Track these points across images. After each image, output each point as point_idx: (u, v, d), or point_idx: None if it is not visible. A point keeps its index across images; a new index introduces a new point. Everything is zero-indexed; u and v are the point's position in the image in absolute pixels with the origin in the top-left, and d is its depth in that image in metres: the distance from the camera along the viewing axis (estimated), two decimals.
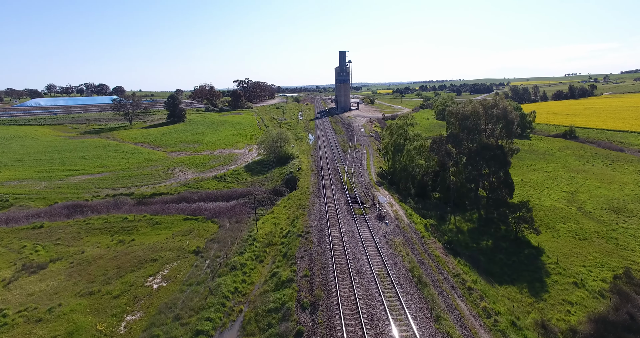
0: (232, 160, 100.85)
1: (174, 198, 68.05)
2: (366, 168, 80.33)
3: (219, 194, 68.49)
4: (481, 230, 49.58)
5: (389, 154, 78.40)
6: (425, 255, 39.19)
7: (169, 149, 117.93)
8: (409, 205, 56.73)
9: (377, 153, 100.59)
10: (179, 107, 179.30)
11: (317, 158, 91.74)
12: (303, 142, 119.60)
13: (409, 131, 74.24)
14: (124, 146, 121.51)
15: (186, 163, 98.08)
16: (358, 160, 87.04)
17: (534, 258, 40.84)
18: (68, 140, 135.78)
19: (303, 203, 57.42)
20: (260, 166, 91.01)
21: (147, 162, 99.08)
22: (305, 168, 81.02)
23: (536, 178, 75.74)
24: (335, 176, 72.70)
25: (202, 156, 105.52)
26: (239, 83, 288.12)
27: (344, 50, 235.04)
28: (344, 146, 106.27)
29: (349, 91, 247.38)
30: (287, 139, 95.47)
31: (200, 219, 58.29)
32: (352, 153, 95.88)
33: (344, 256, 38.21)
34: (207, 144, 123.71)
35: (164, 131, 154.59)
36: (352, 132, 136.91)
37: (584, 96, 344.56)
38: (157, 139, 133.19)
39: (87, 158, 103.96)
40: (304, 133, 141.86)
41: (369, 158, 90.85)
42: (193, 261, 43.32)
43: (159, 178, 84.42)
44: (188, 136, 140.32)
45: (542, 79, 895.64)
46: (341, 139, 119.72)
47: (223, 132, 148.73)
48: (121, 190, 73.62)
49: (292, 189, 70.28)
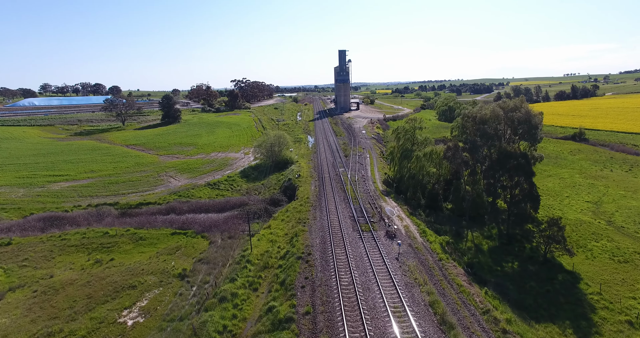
0: (227, 165, 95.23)
1: (162, 208, 62.37)
2: (370, 174, 74.82)
3: (211, 205, 62.84)
4: (503, 248, 44.14)
5: (395, 160, 72.94)
6: (446, 284, 33.69)
7: (162, 152, 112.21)
8: (420, 219, 51.23)
9: (380, 157, 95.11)
10: (173, 107, 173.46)
11: (317, 163, 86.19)
12: (302, 145, 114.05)
13: (416, 135, 68.78)
14: (114, 149, 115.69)
15: (178, 167, 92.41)
16: (361, 165, 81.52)
17: (571, 286, 35.42)
18: (56, 142, 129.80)
19: (303, 216, 51.83)
20: (256, 171, 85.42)
21: (137, 167, 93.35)
22: (305, 174, 75.47)
23: (553, 186, 70.38)
24: (338, 184, 67.14)
25: (195, 160, 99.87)
26: (236, 83, 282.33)
27: (343, 49, 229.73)
28: (346, 149, 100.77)
29: (349, 91, 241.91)
30: (285, 142, 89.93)
31: (190, 233, 52.69)
32: (354, 157, 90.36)
33: (351, 286, 32.69)
34: (201, 147, 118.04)
35: (158, 132, 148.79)
36: (353, 134, 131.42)
37: (586, 96, 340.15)
38: (149, 142, 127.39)
39: (73, 162, 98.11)
40: (303, 135, 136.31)
41: (372, 163, 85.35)
42: (177, 288, 37.72)
43: (148, 184, 78.72)
44: (182, 138, 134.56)
45: (541, 79, 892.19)
46: (342, 142, 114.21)
47: (219, 134, 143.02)
48: (105, 199, 67.88)
49: (291, 198, 64.77)
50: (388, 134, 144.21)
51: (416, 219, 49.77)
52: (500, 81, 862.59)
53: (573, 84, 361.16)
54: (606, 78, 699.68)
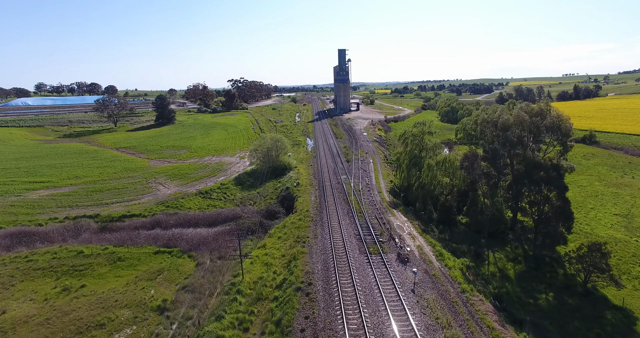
0: (221, 170, 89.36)
1: (147, 221, 56.47)
2: (375, 182, 69.08)
3: (201, 218, 56.95)
4: (532, 274, 38.49)
5: (402, 167, 67.25)
6: (474, 326, 28.00)
7: (153, 156, 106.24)
8: (434, 237, 45.50)
9: (385, 163, 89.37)
10: (167, 108, 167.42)
11: (317, 169, 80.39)
12: (301, 148, 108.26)
13: (425, 140, 63.06)
14: (102, 153, 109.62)
15: (169, 173, 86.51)
16: (365, 172, 75.77)
17: (626, 328, 29.81)
18: (43, 145, 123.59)
19: (302, 233, 46.05)
20: (252, 178, 79.57)
21: (125, 172, 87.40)
22: (304, 182, 69.67)
23: (574, 195, 64.70)
24: (340, 194, 61.38)
25: (187, 165, 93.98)
26: (233, 83, 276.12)
27: (343, 48, 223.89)
28: (347, 153, 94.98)
29: (348, 91, 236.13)
30: (283, 146, 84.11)
31: (175, 252, 46.87)
32: (356, 162, 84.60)
33: (362, 331, 26.93)
34: (195, 150, 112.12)
35: (150, 134, 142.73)
36: (354, 136, 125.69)
37: (588, 96, 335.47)
38: (140, 145, 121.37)
39: (57, 166, 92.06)
40: (302, 137, 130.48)
41: (376, 169, 79.61)
42: (154, 326, 31.91)
43: (135, 193, 72.82)
44: (175, 140, 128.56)
45: (540, 79, 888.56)
46: (343, 145, 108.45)
47: (214, 136, 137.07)
48: (86, 210, 61.92)
49: (289, 210, 59.00)
50: (391, 137, 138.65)
51: (430, 237, 44.04)
52: (499, 81, 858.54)
53: (576, 85, 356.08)
54: (606, 78, 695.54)
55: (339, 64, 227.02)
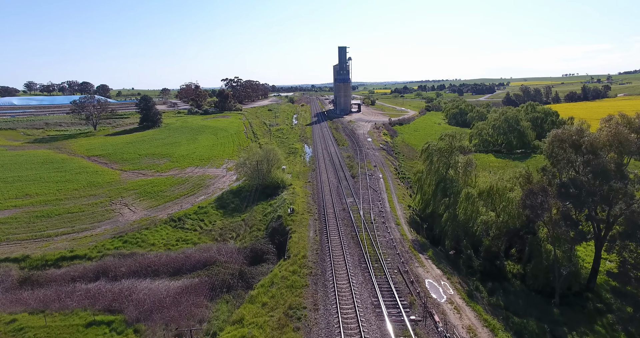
0: (203, 186, 75.44)
1: (91, 268, 42.51)
2: (389, 207, 55.27)
3: (164, 263, 42.94)
4: None
5: (424, 189, 53.50)
6: None
7: (127, 166, 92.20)
8: (485, 306, 31.76)
9: (396, 178, 75.61)
10: (152, 110, 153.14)
11: (317, 188, 66.56)
12: (297, 158, 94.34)
13: (455, 158, 49.35)
14: (70, 162, 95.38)
15: (140, 190, 72.60)
16: (375, 193, 61.96)
17: None
18: (4, 152, 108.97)
19: (296, 300, 32.12)
20: (237, 198, 65.67)
21: (88, 189, 73.35)
22: (300, 207, 55.78)
23: None
24: (348, 227, 47.53)
25: (164, 179, 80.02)
26: (227, 82, 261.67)
27: (344, 46, 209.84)
28: (352, 165, 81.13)
29: (349, 92, 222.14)
30: (275, 159, 70.27)
31: (116, 324, 33.06)
32: (364, 178, 70.85)
33: None
34: (177, 160, 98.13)
35: (131, 139, 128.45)
36: (358, 143, 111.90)
37: (597, 97, 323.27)
38: (117, 152, 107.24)
39: (8, 181, 77.92)
40: (299, 143, 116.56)
41: (388, 188, 65.84)
42: None
43: (91, 218, 58.83)
44: (157, 147, 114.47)
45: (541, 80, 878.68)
46: (346, 154, 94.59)
47: (201, 141, 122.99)
48: (16, 247, 47.91)
49: (281, 248, 45.26)
50: (398, 143, 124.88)
51: (481, 310, 30.27)
52: (499, 81, 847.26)
53: (584, 85, 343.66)
54: (610, 79, 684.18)
55: (339, 63, 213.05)
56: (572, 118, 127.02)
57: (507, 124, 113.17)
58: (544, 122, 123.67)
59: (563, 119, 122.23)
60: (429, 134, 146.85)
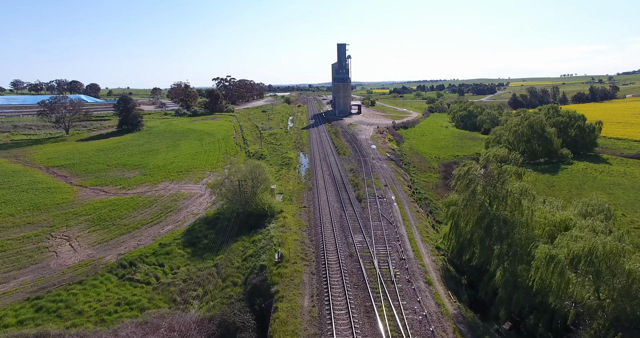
0: (173, 210, 60.96)
1: None
2: (412, 251, 41.01)
3: None
4: None
5: (459, 227, 39.23)
6: None
7: (89, 180, 77.53)
8: None
9: (412, 199, 61.39)
10: (132, 112, 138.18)
11: (314, 218, 52.18)
12: (291, 171, 79.89)
13: (509, 188, 35.10)
14: (22, 175, 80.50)
15: (95, 215, 58.13)
16: (390, 226, 47.67)
17: None
18: None
19: None
20: (213, 229, 51.24)
21: (28, 214, 58.66)
22: (292, 250, 41.42)
23: None
24: (359, 292, 33.13)
25: (129, 199, 65.58)
26: (219, 81, 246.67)
27: (343, 42, 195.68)
28: (356, 183, 66.82)
29: (349, 92, 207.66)
30: (263, 178, 55.79)
31: None
32: (373, 201, 56.65)
33: None
34: (150, 172, 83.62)
35: (104, 146, 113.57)
36: (361, 151, 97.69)
37: (605, 98, 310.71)
38: (83, 162, 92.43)
39: None
40: (294, 152, 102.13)
41: (405, 217, 51.60)
42: None
43: (12, 263, 44.13)
44: (131, 155, 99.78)
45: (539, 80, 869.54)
46: (349, 167, 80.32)
47: (183, 148, 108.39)
48: None
49: (262, 321, 31.03)
50: (405, 150, 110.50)
51: None
52: (497, 81, 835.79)
53: (591, 86, 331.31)
54: (611, 79, 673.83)
55: (338, 61, 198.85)
56: (601, 123, 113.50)
57: (531, 130, 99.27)
58: (568, 127, 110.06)
59: (591, 124, 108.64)
60: (437, 139, 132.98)
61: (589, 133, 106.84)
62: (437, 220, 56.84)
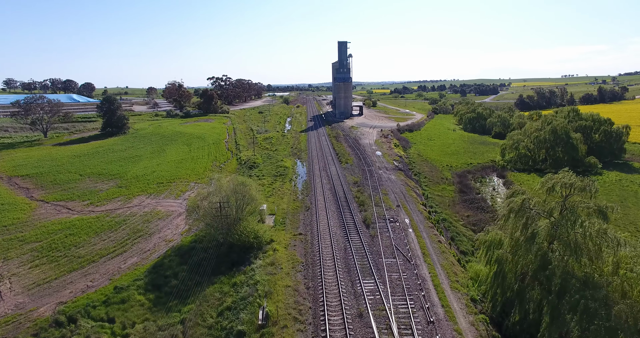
0: (143, 235, 50.67)
1: None
2: (441, 306, 30.84)
3: None
4: None
5: (507, 279, 28.87)
6: None
7: (54, 194, 67.32)
8: None
9: (430, 224, 51.09)
10: (117, 113, 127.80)
11: (311, 253, 41.88)
12: (286, 184, 69.60)
13: (588, 229, 24.79)
14: None
15: (47, 242, 47.92)
16: (409, 266, 37.41)
17: None
18: None
19: None
20: (186, 264, 40.95)
21: None
22: (282, 304, 31.18)
23: None
24: None
25: (94, 219, 55.38)
26: (214, 81, 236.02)
27: (344, 40, 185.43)
28: (362, 201, 56.53)
29: (350, 93, 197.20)
30: (249, 199, 45.45)
31: None
32: (383, 228, 46.46)
33: None
34: (127, 183, 73.45)
35: (83, 151, 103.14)
36: (366, 159, 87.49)
37: (614, 99, 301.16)
38: (53, 170, 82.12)
39: None
40: (290, 159, 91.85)
41: (425, 250, 41.37)
42: None
43: None
44: (110, 162, 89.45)
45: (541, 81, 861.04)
46: (352, 179, 70.09)
47: (168, 155, 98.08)
48: None
49: None
50: (414, 157, 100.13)
51: None
52: (498, 81, 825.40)
53: (600, 87, 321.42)
54: (614, 80, 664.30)
55: (339, 60, 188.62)
56: (629, 127, 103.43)
57: (554, 136, 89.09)
58: (593, 131, 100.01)
59: (619, 128, 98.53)
60: (446, 144, 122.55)
61: (616, 138, 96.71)
62: (462, 249, 46.68)
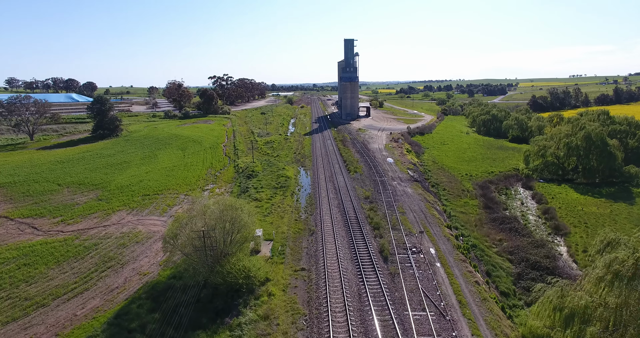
0: (114, 265, 42.09)
1: None
2: None
3: None
4: None
5: None
6: None
7: (22, 208, 59.06)
8: None
9: (461, 255, 42.05)
10: (109, 115, 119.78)
11: (316, 299, 33.05)
12: (287, 199, 60.77)
13: None
14: None
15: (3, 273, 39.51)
16: (442, 320, 28.60)
17: None
18: None
19: None
20: (158, 311, 32.30)
21: None
22: None
23: None
24: None
25: (60, 242, 46.99)
26: (215, 80, 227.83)
27: (351, 38, 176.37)
28: (377, 223, 47.60)
29: (357, 93, 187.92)
30: (240, 226, 36.63)
31: None
32: (404, 261, 37.61)
33: None
34: (109, 195, 65.12)
35: (67, 156, 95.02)
36: (376, 167, 78.57)
37: (631, 100, 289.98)
38: (30, 179, 74.04)
39: None
40: (293, 167, 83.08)
41: (460, 295, 32.44)
42: None
43: None
44: (94, 170, 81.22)
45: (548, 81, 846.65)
46: (363, 194, 61.15)
47: (160, 161, 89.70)
48: None
49: None
50: (428, 164, 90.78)
51: None
52: (504, 81, 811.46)
53: (617, 87, 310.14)
54: (626, 80, 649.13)
55: (345, 59, 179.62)
56: None
57: (587, 143, 79.55)
58: (628, 137, 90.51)
59: None
60: (461, 149, 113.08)
61: None
62: (502, 290, 37.64)
